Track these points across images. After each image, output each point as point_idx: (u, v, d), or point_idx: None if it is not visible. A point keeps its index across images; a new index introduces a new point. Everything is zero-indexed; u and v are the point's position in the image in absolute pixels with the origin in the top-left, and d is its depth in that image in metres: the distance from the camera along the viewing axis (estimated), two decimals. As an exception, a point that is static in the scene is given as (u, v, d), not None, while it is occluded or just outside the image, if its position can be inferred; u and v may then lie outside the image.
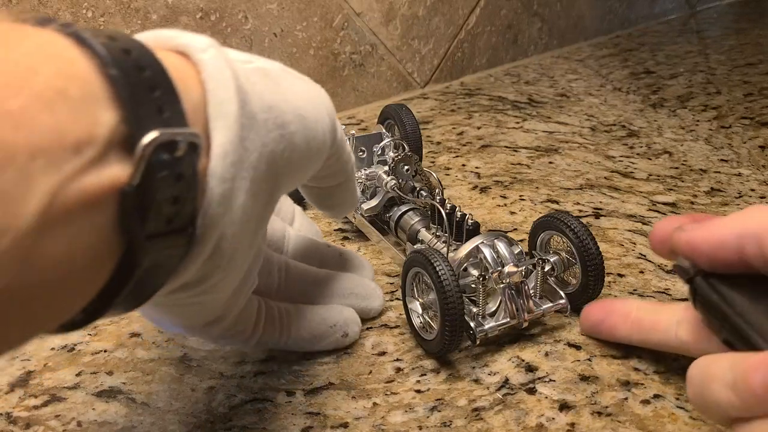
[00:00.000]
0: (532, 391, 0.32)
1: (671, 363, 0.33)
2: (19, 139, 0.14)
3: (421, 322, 0.34)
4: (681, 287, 0.39)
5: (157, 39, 0.21)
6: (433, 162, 0.59)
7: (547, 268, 0.35)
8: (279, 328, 0.32)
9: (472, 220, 0.38)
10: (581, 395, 0.31)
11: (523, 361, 0.34)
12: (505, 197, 0.52)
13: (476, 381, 0.32)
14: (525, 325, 0.34)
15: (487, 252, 0.34)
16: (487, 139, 0.65)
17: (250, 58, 0.25)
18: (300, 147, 0.24)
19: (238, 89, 0.21)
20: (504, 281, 0.33)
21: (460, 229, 0.38)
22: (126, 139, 0.16)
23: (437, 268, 0.31)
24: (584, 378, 0.32)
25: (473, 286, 0.34)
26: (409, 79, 0.80)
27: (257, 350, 0.34)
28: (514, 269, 0.33)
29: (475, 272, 0.35)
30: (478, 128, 0.68)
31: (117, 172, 0.16)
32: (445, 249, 0.37)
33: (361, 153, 0.48)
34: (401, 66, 0.79)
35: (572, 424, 0.30)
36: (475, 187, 0.54)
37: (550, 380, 0.32)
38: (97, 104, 0.16)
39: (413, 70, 0.80)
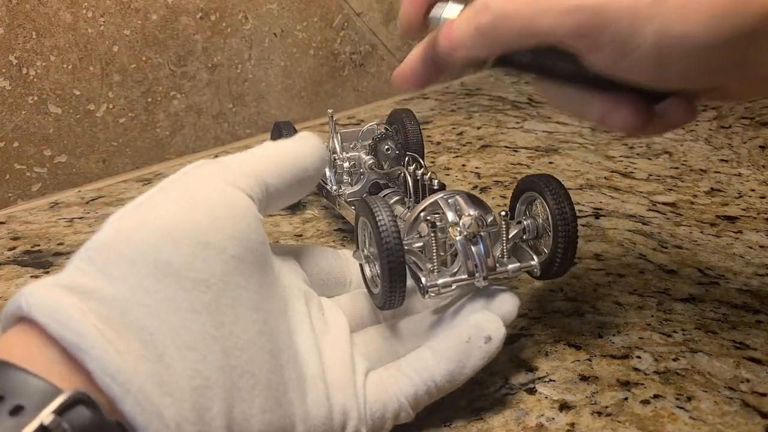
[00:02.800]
0: (532, 391, 0.32)
1: (671, 363, 0.33)
2: None
3: (371, 274, 0.32)
4: (680, 287, 0.39)
5: (7, 314, 0.22)
6: (433, 162, 0.59)
7: (514, 231, 0.33)
8: (414, 378, 0.29)
9: (438, 181, 0.37)
10: (581, 395, 0.31)
11: (523, 361, 0.34)
12: (504, 197, 0.52)
13: (476, 381, 0.32)
14: (484, 284, 0.30)
15: (443, 204, 0.31)
16: (487, 139, 0.65)
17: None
18: (182, 256, 0.23)
19: (82, 303, 0.21)
20: (461, 234, 0.30)
21: (426, 191, 0.37)
22: None
23: (375, 213, 0.29)
24: (584, 378, 0.32)
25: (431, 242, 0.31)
26: (409, 79, 0.80)
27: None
28: (469, 219, 0.30)
29: (426, 227, 0.32)
30: (478, 128, 0.68)
31: None
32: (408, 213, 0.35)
33: (352, 147, 0.48)
34: (401, 66, 0.79)
35: (572, 424, 0.30)
36: (475, 187, 0.54)
37: (550, 380, 0.32)
38: None
39: (413, 70, 0.80)
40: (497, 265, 0.31)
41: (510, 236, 0.32)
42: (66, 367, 0.20)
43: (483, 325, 0.29)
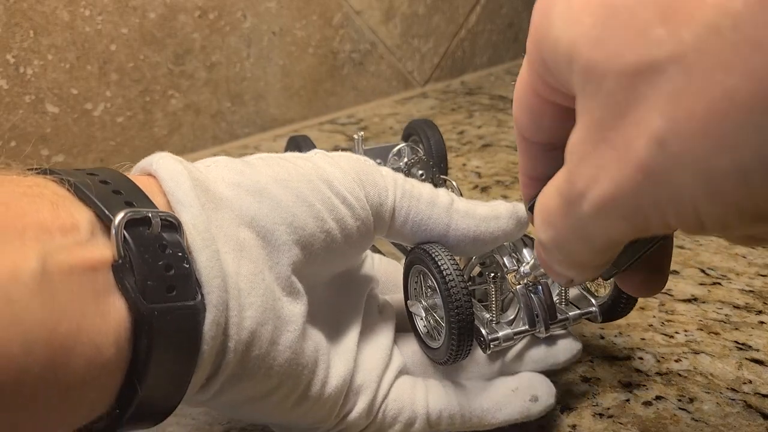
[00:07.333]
0: (532, 393, 0.31)
1: (673, 364, 0.33)
2: (10, 217, 0.19)
3: (426, 328, 0.30)
4: (683, 287, 0.39)
5: (138, 168, 0.26)
6: (433, 161, 0.59)
7: None
8: (446, 401, 0.28)
9: None
10: (582, 396, 0.31)
11: (524, 362, 0.33)
12: (506, 197, 0.51)
13: (476, 382, 0.32)
14: (545, 334, 0.29)
15: (501, 250, 0.30)
16: (487, 138, 0.64)
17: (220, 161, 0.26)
18: (286, 203, 0.25)
19: (194, 180, 0.23)
20: (520, 282, 0.29)
21: None
22: (108, 226, 0.20)
23: (440, 264, 0.27)
24: (586, 379, 0.32)
25: (487, 290, 0.30)
26: (409, 78, 0.80)
27: None
28: (530, 267, 0.29)
29: (487, 272, 0.31)
30: (479, 127, 0.67)
31: (105, 250, 0.20)
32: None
33: (378, 163, 0.45)
34: (401, 65, 0.78)
35: (573, 426, 0.29)
36: (476, 186, 0.54)
37: (552, 381, 0.32)
38: (72, 205, 0.20)
39: (413, 69, 0.80)
40: (557, 313, 0.30)
41: None
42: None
43: (536, 384, 0.29)
